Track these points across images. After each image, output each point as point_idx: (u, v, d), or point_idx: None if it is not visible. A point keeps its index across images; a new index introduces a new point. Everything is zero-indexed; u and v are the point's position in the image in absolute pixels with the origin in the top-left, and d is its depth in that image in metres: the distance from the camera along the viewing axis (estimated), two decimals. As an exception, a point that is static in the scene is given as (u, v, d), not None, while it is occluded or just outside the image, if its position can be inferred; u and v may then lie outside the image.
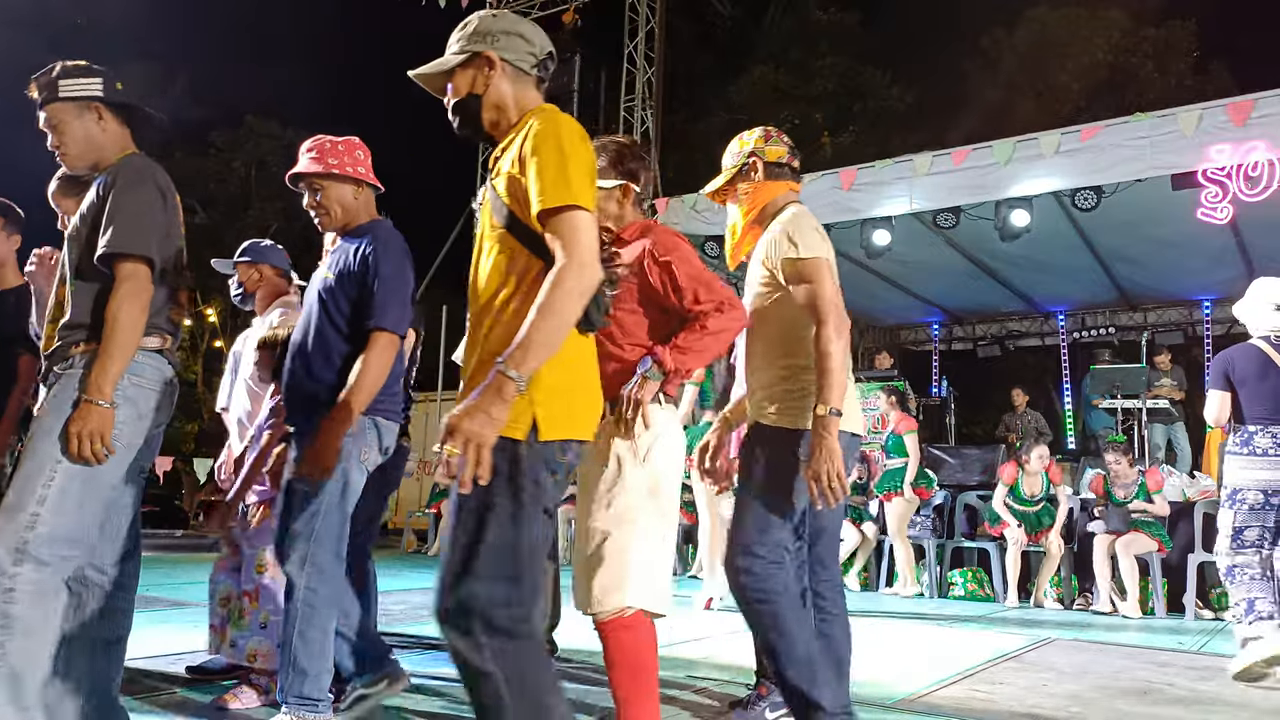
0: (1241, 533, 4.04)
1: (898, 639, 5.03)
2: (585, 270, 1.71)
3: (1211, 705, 3.53)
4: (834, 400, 2.29)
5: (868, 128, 19.55)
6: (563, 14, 13.18)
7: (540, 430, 1.73)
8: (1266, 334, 4.11)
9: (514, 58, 1.92)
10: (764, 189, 2.63)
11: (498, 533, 1.68)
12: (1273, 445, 3.94)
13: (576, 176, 1.75)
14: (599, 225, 2.29)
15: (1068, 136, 7.45)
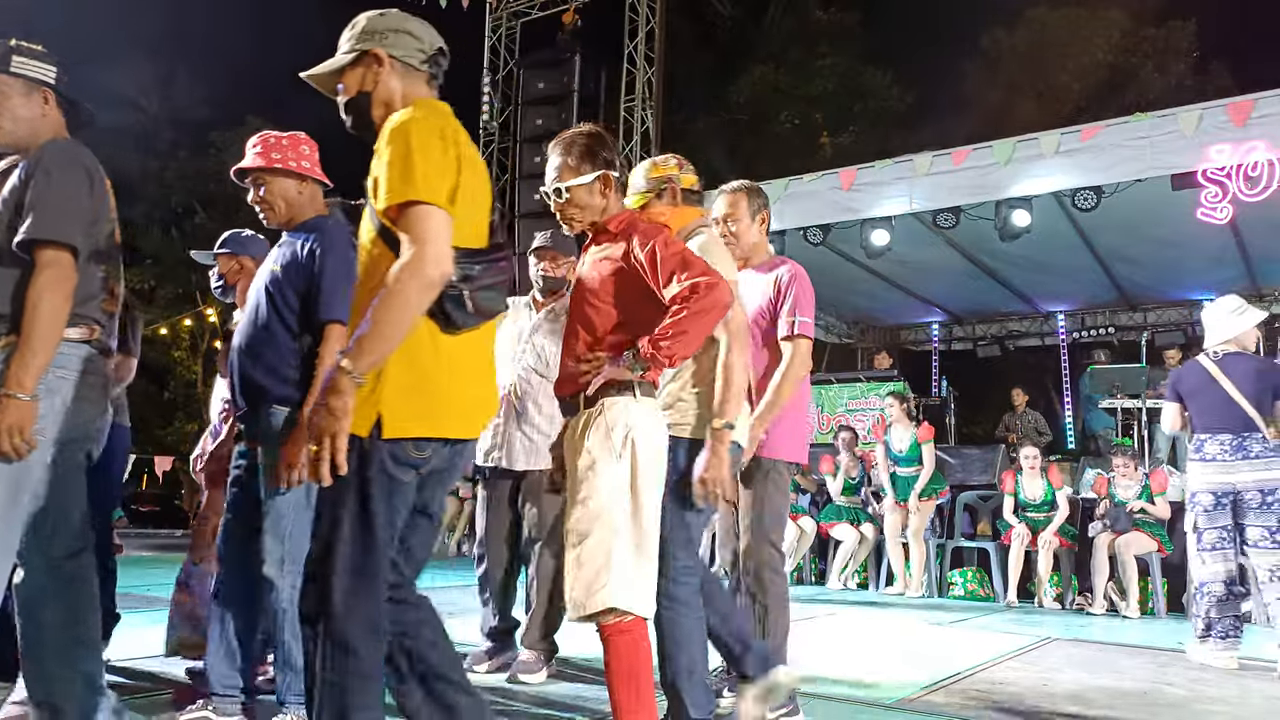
0: (1202, 536, 4.42)
1: (898, 639, 5.03)
2: (427, 265, 1.71)
3: (1211, 705, 3.53)
4: (730, 415, 2.44)
5: (868, 128, 19.55)
6: (563, 14, 13.18)
7: (385, 428, 1.75)
8: (1213, 351, 4.49)
9: (402, 54, 1.96)
10: (680, 213, 2.73)
11: (348, 529, 1.74)
12: (1220, 452, 4.34)
13: (423, 171, 1.76)
14: (584, 215, 2.38)
15: (1068, 136, 7.46)
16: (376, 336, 1.70)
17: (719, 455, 2.40)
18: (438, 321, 1.81)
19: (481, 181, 1.94)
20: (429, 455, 1.82)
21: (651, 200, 2.78)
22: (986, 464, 8.29)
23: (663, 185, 2.77)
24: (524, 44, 13.99)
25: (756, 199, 3.23)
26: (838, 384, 9.81)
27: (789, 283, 3.08)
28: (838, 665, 4.07)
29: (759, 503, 3.04)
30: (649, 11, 12.41)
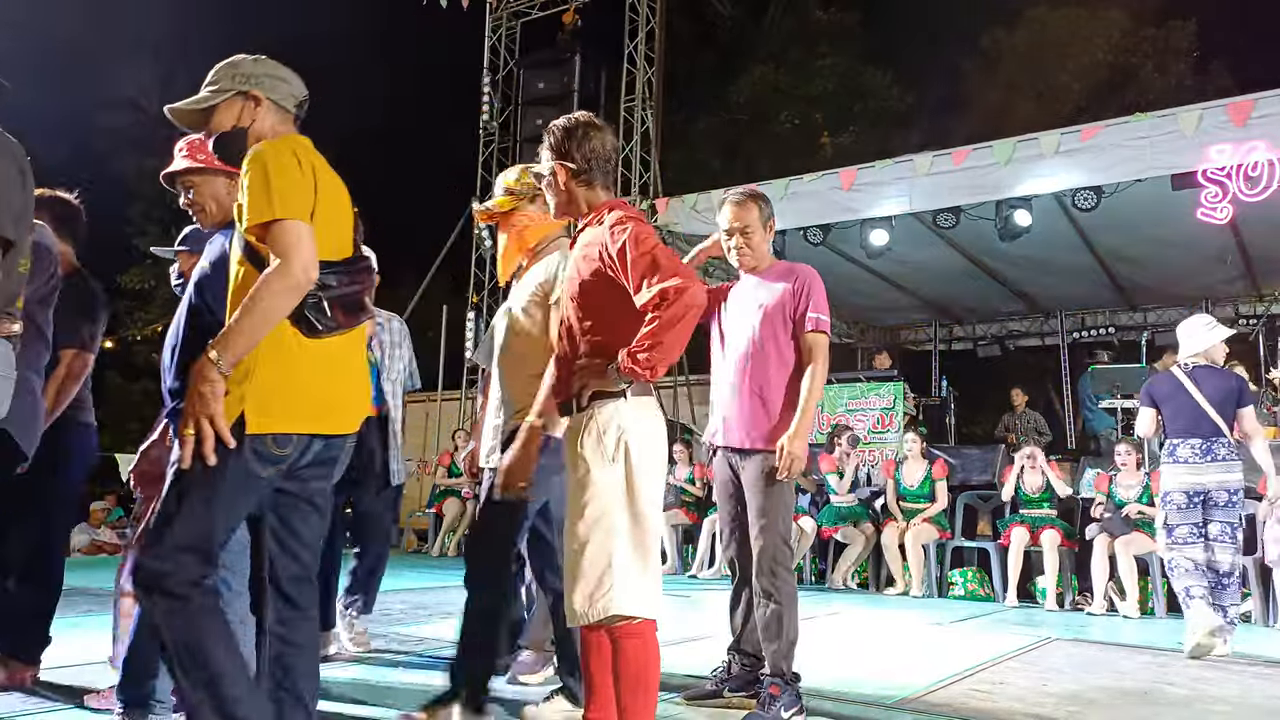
0: (1173, 530, 4.77)
1: (898, 639, 5.03)
2: (294, 270, 1.90)
3: (1211, 705, 3.53)
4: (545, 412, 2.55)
5: (868, 128, 19.54)
6: (563, 14, 13.17)
7: (247, 423, 1.91)
8: (1184, 363, 4.90)
9: (278, 97, 2.18)
10: (547, 221, 2.86)
11: (192, 508, 1.91)
12: (1191, 454, 4.73)
13: (280, 191, 1.95)
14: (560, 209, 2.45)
15: (1068, 136, 7.46)
16: (242, 332, 1.89)
17: (527, 450, 2.51)
18: (301, 327, 1.98)
19: (341, 198, 2.13)
20: (290, 451, 1.98)
21: (524, 204, 2.91)
22: (986, 464, 8.29)
23: (536, 191, 2.83)
24: (524, 44, 13.99)
25: (766, 206, 3.27)
26: (838, 384, 9.80)
27: (808, 284, 3.18)
28: (838, 665, 4.07)
29: (771, 501, 3.06)
30: (649, 11, 12.41)
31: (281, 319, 1.92)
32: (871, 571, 7.67)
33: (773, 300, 3.16)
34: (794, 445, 3.02)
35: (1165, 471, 4.85)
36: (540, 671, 3.49)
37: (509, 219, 2.95)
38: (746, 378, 3.16)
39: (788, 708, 2.97)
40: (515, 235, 2.92)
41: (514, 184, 2.94)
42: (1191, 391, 4.77)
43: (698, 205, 9.46)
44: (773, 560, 3.02)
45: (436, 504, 10.41)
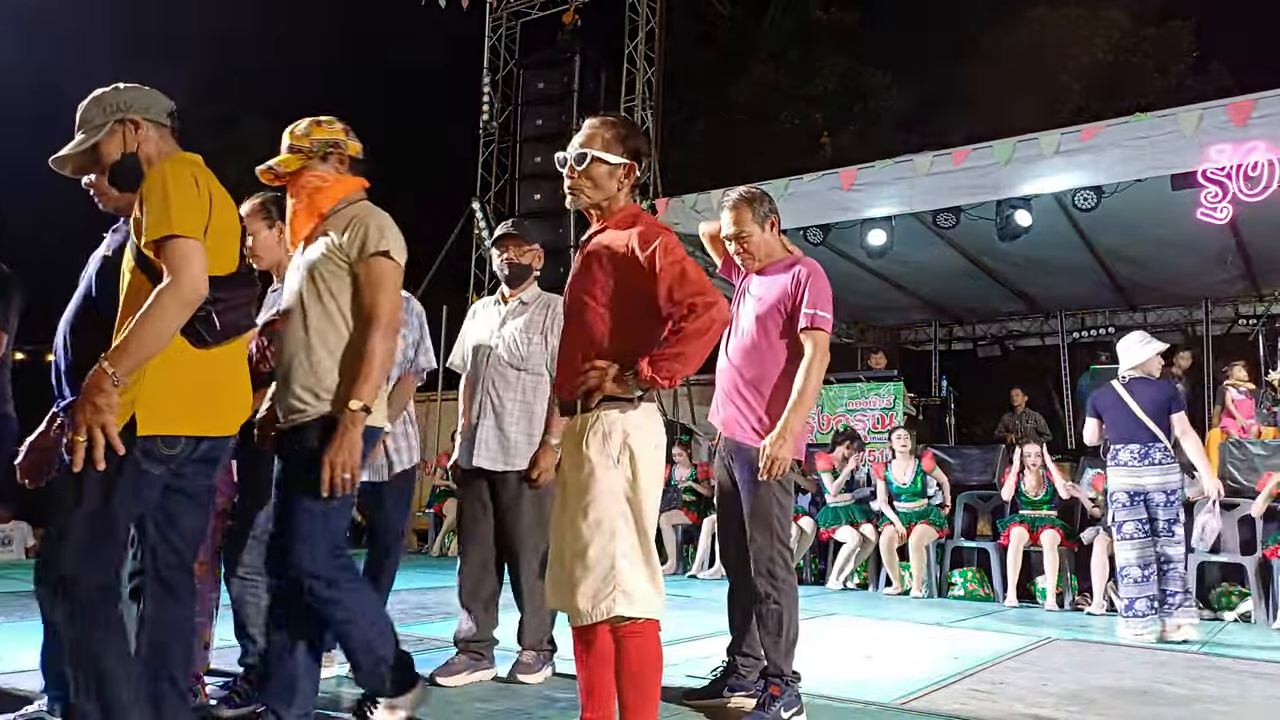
0: (1121, 527, 5.28)
1: (898, 639, 5.02)
2: (184, 288, 2.05)
3: (1211, 705, 3.53)
4: (366, 397, 2.36)
5: (868, 128, 19.53)
6: (563, 14, 13.18)
7: (138, 425, 2.05)
8: (1123, 376, 5.42)
9: (153, 115, 2.30)
10: (344, 181, 2.61)
11: (90, 505, 2.02)
12: (1131, 458, 5.24)
13: (178, 210, 2.08)
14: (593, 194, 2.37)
15: (1068, 136, 7.45)
16: (137, 345, 2.01)
17: (350, 440, 2.33)
18: (190, 338, 2.12)
19: (231, 215, 2.27)
20: (178, 451, 2.13)
21: (314, 163, 2.58)
22: (986, 464, 8.29)
23: (328, 149, 2.59)
24: (524, 44, 13.99)
25: (761, 206, 3.22)
26: (838, 384, 9.80)
27: (806, 279, 3.10)
28: (838, 665, 4.07)
29: (764, 501, 3.03)
30: (649, 11, 12.42)
31: (175, 333, 2.07)
32: (871, 572, 7.67)
33: (771, 295, 3.14)
34: (775, 447, 2.94)
35: (1110, 474, 5.40)
36: (540, 671, 3.47)
37: (297, 180, 2.60)
38: (741, 373, 3.15)
39: (788, 708, 2.97)
40: (306, 198, 2.58)
41: (301, 139, 2.61)
42: (1129, 402, 5.28)
43: (698, 205, 9.45)
44: (770, 561, 3.01)
45: (436, 504, 10.41)
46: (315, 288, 2.48)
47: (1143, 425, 5.23)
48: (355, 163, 2.67)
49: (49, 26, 17.72)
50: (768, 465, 2.94)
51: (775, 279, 3.18)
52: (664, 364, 2.19)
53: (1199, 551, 6.37)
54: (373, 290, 2.43)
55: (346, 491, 2.35)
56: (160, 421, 2.08)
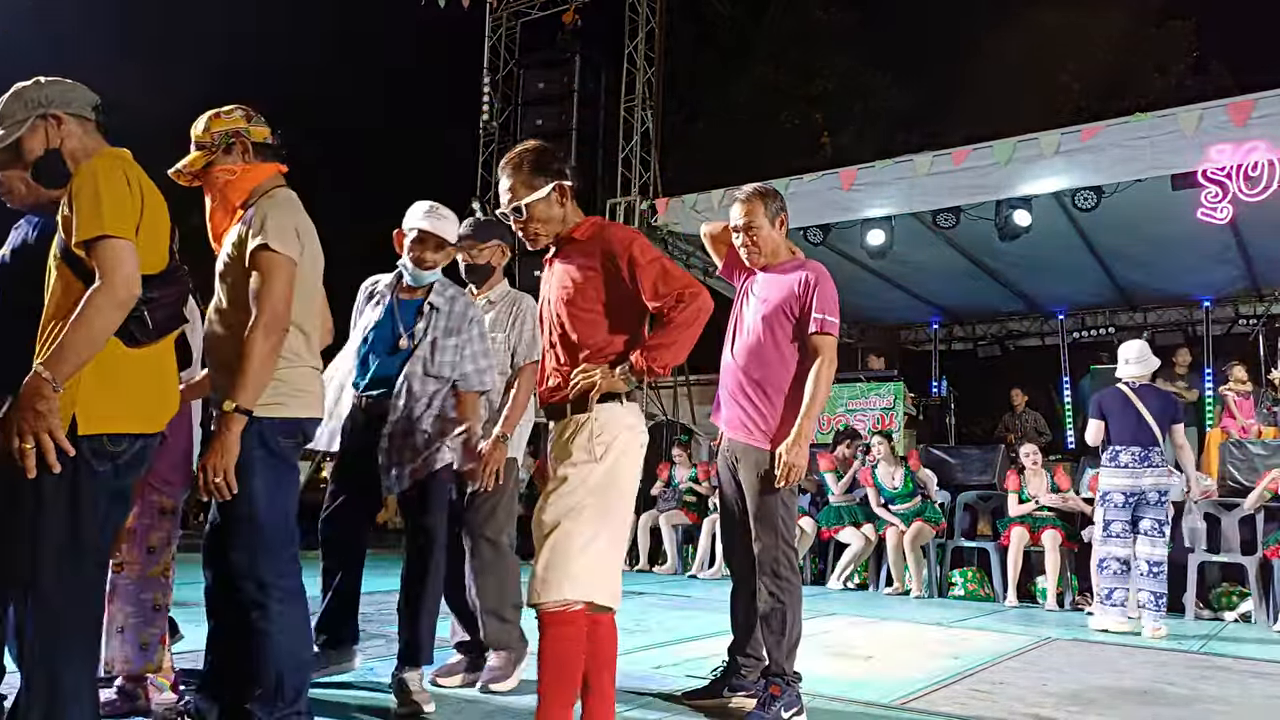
0: (1109, 525, 5.50)
1: (898, 639, 5.03)
2: (118, 290, 2.04)
3: (1211, 705, 3.53)
4: (246, 400, 2.25)
5: (868, 128, 19.53)
6: (563, 14, 13.17)
7: (79, 425, 2.05)
8: (1128, 381, 5.61)
9: (76, 110, 2.26)
10: (254, 170, 2.52)
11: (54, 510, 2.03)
12: (1131, 460, 5.42)
13: (110, 209, 2.07)
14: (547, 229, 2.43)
15: (1068, 136, 7.46)
16: (73, 349, 2.01)
17: (225, 442, 2.24)
18: (123, 338, 2.11)
19: (162, 213, 2.23)
20: (123, 449, 2.13)
21: (218, 157, 2.50)
22: (986, 464, 8.28)
23: (230, 139, 2.50)
24: (524, 44, 13.98)
25: (773, 203, 3.24)
26: (838, 384, 9.80)
27: (815, 282, 3.12)
28: (838, 665, 4.07)
29: (769, 501, 3.04)
30: (649, 11, 12.40)
31: (110, 334, 2.06)
32: (871, 572, 7.67)
33: (778, 297, 3.15)
34: (792, 454, 2.98)
35: (1106, 474, 5.56)
36: (513, 676, 3.34)
37: (208, 177, 2.53)
38: (747, 373, 3.16)
39: (788, 708, 2.97)
40: (218, 193, 2.54)
41: (202, 135, 2.52)
42: (1139, 406, 5.47)
43: (698, 205, 9.46)
44: (774, 562, 3.01)
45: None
46: (222, 291, 2.47)
47: (1148, 429, 5.43)
48: (266, 149, 2.56)
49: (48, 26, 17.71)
50: (784, 472, 2.98)
51: (780, 280, 3.18)
52: (657, 353, 2.30)
53: (1199, 551, 6.39)
54: (256, 286, 2.34)
55: (223, 496, 2.25)
56: (101, 421, 2.09)
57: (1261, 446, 7.05)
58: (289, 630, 2.35)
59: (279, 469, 2.38)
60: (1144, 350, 5.74)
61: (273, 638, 2.32)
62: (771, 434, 3.07)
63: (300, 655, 2.38)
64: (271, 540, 2.35)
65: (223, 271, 2.47)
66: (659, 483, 9.00)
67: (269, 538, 2.35)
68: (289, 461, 2.43)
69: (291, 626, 2.36)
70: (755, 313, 3.20)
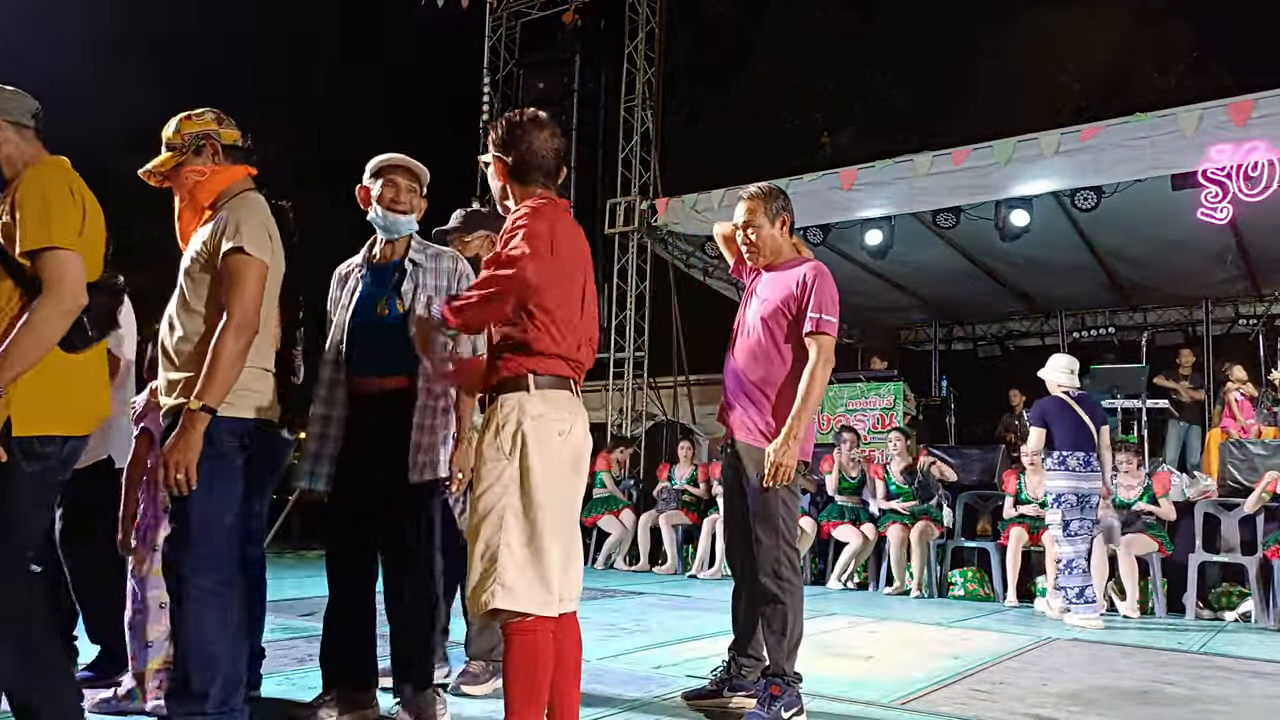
0: (1069, 524, 5.75)
1: (898, 639, 5.03)
2: (66, 299, 2.12)
3: (1211, 705, 3.53)
4: (211, 399, 2.32)
5: (868, 128, 19.53)
6: (563, 14, 13.16)
7: (13, 426, 2.12)
8: (1066, 389, 5.94)
9: (15, 117, 2.29)
10: (224, 172, 2.57)
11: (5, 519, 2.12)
12: (1078, 464, 5.75)
13: (58, 220, 2.14)
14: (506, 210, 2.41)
15: (1068, 136, 7.45)
16: (20, 355, 2.08)
17: (188, 439, 2.31)
18: (62, 344, 2.17)
19: (99, 222, 2.30)
20: (53, 450, 2.20)
21: (189, 158, 2.55)
22: (986, 464, 8.28)
23: (200, 141, 2.55)
24: (524, 44, 13.97)
25: (774, 202, 3.23)
26: (838, 384, 9.80)
27: (812, 281, 3.09)
28: (838, 665, 4.07)
29: (772, 503, 3.03)
30: (649, 11, 12.40)
31: (55, 342, 2.13)
32: (871, 571, 7.67)
33: (777, 296, 3.14)
34: (780, 453, 2.96)
35: (1056, 477, 5.82)
36: (488, 682, 3.25)
37: (177, 177, 2.57)
38: (748, 373, 3.16)
39: (788, 708, 2.97)
40: (187, 194, 2.57)
41: (173, 137, 2.56)
42: (1080, 413, 5.84)
43: (698, 205, 9.45)
44: (775, 562, 3.01)
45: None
46: (184, 289, 2.49)
47: (1088, 434, 5.82)
48: (236, 151, 2.61)
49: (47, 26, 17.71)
50: (773, 471, 2.95)
51: (781, 279, 3.18)
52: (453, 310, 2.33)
53: (1199, 551, 6.37)
54: (227, 288, 2.41)
55: (183, 491, 2.30)
56: (34, 423, 2.15)
57: (1261, 446, 7.05)
58: (200, 629, 2.36)
59: (218, 469, 2.39)
60: (1073, 362, 6.14)
61: (183, 634, 2.36)
62: (772, 434, 3.06)
63: (210, 654, 2.37)
64: (197, 537, 2.36)
65: (190, 270, 2.49)
66: (659, 483, 9.00)
67: (195, 534, 2.36)
68: (231, 462, 2.44)
69: (204, 625, 2.36)
70: (756, 313, 3.20)
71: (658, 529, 8.70)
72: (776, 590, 3.00)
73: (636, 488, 9.37)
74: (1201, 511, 6.55)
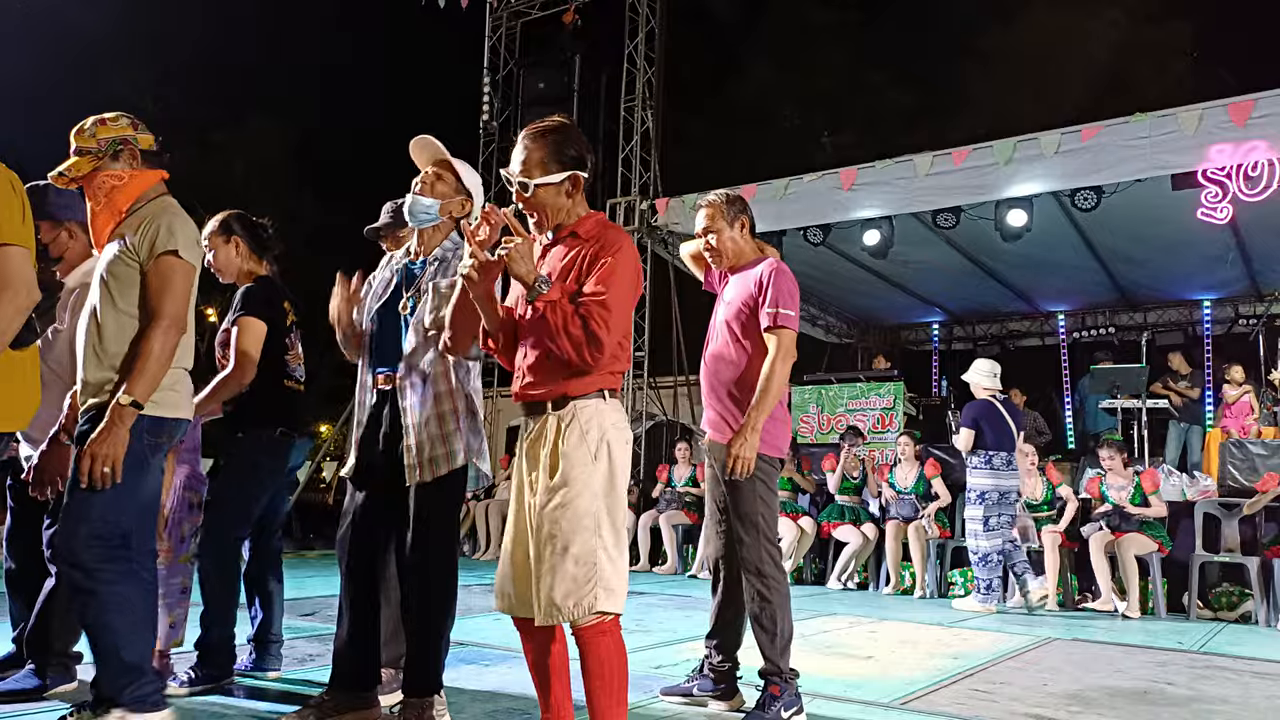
0: (988, 521, 6.21)
1: (898, 639, 5.03)
2: (21, 296, 2.19)
3: (1211, 705, 3.53)
4: (138, 393, 2.40)
5: (868, 128, 19.54)
6: (563, 14, 13.17)
7: None
8: (992, 393, 6.51)
9: None
10: (142, 177, 2.59)
11: None
12: (1002, 464, 6.27)
13: (8, 219, 2.20)
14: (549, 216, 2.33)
15: (1068, 136, 7.45)
16: None
17: (117, 433, 2.35)
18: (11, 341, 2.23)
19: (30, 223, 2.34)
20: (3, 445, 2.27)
21: (105, 162, 2.55)
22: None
23: (118, 146, 2.57)
24: (524, 44, 13.98)
25: (733, 206, 3.28)
26: (838, 384, 9.80)
27: (769, 277, 3.11)
28: (838, 665, 4.07)
29: (750, 501, 3.04)
30: (649, 11, 12.40)
31: (9, 339, 2.18)
32: (871, 571, 7.67)
33: (739, 298, 3.18)
34: (737, 446, 2.96)
35: (982, 475, 6.26)
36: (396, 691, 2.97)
37: (92, 181, 2.55)
38: (718, 374, 3.21)
39: (788, 707, 2.97)
40: (104, 198, 2.55)
41: (89, 140, 2.55)
42: (1006, 417, 6.37)
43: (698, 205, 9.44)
44: (759, 560, 3.01)
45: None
46: (108, 289, 2.50)
47: (1011, 437, 6.33)
48: (151, 155, 2.64)
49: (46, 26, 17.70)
50: (731, 464, 2.96)
51: (742, 280, 3.22)
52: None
53: (1199, 551, 6.38)
54: (159, 289, 2.46)
55: (106, 485, 2.34)
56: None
57: (1261, 446, 7.05)
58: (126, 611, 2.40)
59: (134, 466, 2.42)
60: (995, 366, 6.65)
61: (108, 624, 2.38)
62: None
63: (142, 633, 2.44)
64: (99, 528, 2.38)
65: (114, 271, 2.50)
66: (659, 483, 9.01)
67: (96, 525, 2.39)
68: (147, 460, 2.47)
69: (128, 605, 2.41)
70: (722, 315, 3.25)
71: (658, 529, 8.71)
72: (762, 588, 3.00)
73: (637, 488, 9.38)
74: (1201, 511, 6.55)
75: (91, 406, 2.45)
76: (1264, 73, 7.82)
